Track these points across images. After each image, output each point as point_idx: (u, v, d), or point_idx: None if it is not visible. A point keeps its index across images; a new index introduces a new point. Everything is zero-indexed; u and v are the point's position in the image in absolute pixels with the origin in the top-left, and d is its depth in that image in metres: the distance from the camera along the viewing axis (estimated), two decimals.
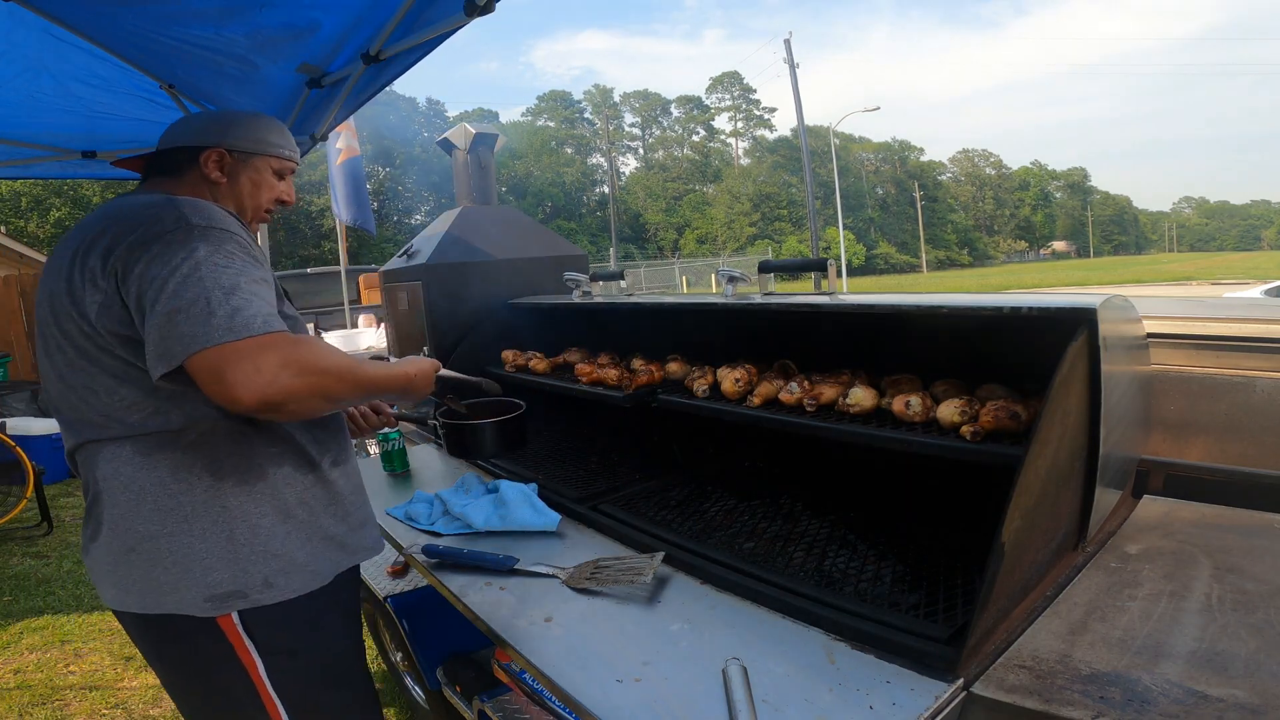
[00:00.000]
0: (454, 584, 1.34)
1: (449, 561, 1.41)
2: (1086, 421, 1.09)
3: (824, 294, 1.50)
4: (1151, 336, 1.44)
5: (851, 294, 1.60)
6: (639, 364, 1.85)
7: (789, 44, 24.35)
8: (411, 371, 1.24)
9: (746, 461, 1.93)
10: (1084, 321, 1.03)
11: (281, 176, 1.34)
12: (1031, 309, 1.07)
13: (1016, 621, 1.02)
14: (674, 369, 1.82)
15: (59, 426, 1.16)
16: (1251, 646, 0.90)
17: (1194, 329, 1.41)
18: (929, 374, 1.39)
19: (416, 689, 2.30)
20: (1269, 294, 7.14)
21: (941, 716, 0.86)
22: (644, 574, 1.23)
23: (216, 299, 0.95)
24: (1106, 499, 1.21)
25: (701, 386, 1.62)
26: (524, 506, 1.58)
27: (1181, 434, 1.40)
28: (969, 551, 1.24)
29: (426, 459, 2.27)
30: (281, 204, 1.36)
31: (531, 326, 2.46)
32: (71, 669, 2.92)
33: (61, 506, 5.21)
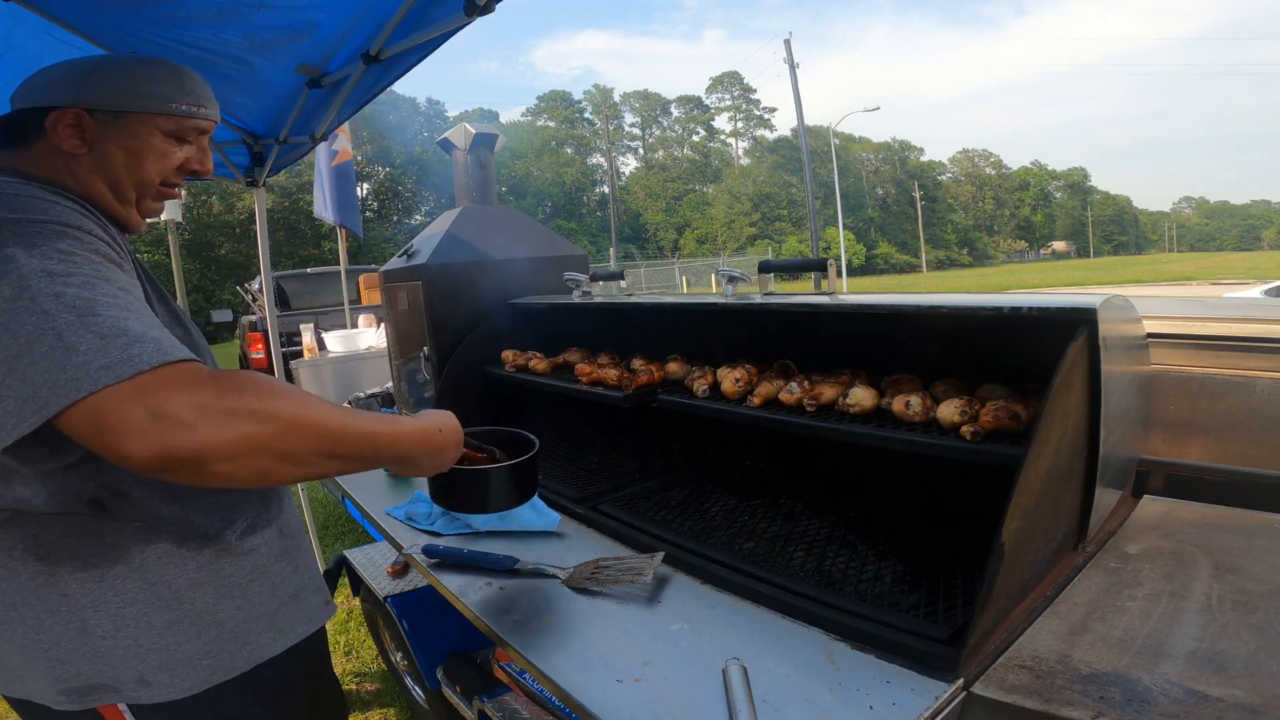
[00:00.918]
0: (454, 584, 1.33)
1: (449, 561, 1.41)
2: (1086, 421, 1.09)
3: (824, 294, 1.50)
4: (1151, 336, 1.44)
5: (851, 294, 1.59)
6: (639, 364, 1.85)
7: (789, 44, 24.38)
8: (432, 426, 0.99)
9: (746, 461, 1.93)
10: (1084, 321, 1.02)
11: (182, 139, 1.03)
12: (1031, 309, 1.07)
13: (1016, 621, 1.02)
14: (674, 369, 1.82)
15: None
16: (1251, 646, 0.90)
17: (1194, 329, 1.41)
18: (929, 374, 1.38)
19: (416, 689, 2.30)
20: (1269, 294, 7.13)
21: (941, 716, 0.86)
22: (644, 574, 1.23)
23: (67, 326, 0.69)
24: (1106, 499, 1.21)
25: (701, 386, 1.62)
26: (524, 507, 1.58)
27: (1181, 434, 1.40)
28: (969, 551, 1.24)
29: None
30: (193, 174, 1.06)
31: (531, 326, 2.46)
32: None
33: None
